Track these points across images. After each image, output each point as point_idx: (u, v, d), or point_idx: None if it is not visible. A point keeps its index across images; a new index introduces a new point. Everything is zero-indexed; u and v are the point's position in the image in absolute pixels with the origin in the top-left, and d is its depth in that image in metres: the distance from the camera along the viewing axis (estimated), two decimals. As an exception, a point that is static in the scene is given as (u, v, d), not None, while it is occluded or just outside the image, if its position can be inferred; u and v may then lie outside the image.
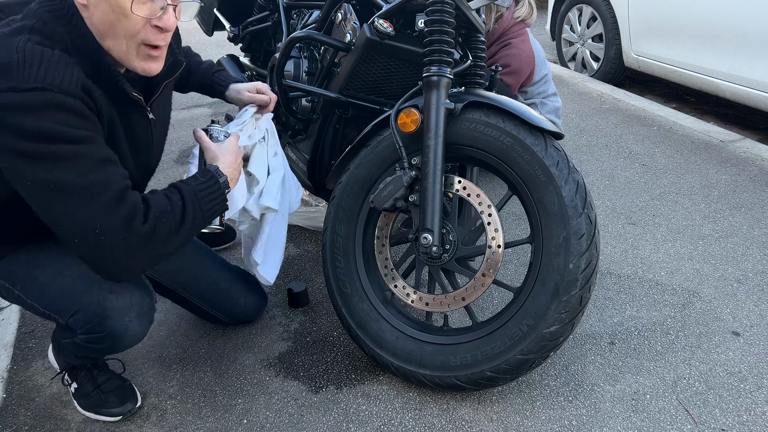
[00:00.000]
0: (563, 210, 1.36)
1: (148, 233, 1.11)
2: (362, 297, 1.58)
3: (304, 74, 2.03)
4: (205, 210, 1.23)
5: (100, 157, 1.09)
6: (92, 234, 1.07)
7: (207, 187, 1.24)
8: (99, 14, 1.11)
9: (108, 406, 1.48)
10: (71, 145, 1.05)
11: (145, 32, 1.13)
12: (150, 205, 1.14)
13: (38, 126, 1.01)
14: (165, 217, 1.14)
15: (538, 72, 2.59)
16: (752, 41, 2.90)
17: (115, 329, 1.26)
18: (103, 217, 1.06)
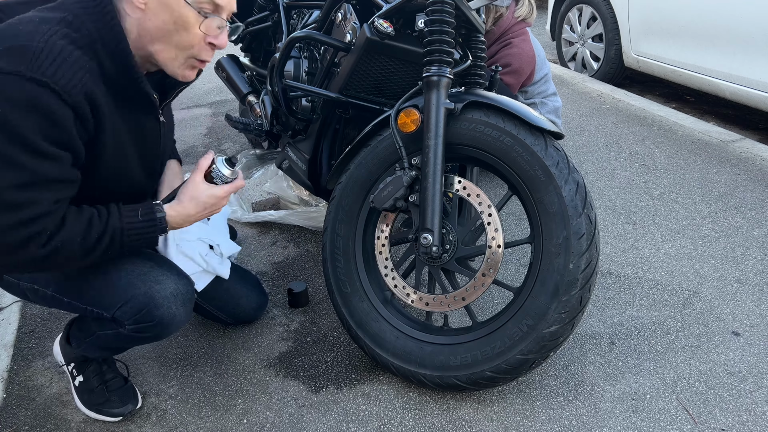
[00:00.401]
0: (563, 210, 1.36)
1: (42, 256, 1.11)
2: (362, 297, 1.58)
3: (304, 74, 2.03)
4: (124, 246, 1.22)
5: (45, 178, 1.08)
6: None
7: (140, 230, 1.22)
8: (157, 21, 1.14)
9: (110, 406, 1.48)
10: (29, 156, 1.05)
11: (199, 47, 1.18)
12: (60, 230, 1.12)
13: (16, 125, 1.02)
14: (69, 246, 1.13)
15: (538, 71, 2.59)
16: (752, 41, 2.90)
17: (164, 317, 1.30)
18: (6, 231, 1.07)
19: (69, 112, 1.07)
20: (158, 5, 1.13)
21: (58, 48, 1.05)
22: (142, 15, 1.14)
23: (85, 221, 1.16)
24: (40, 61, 1.03)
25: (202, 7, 1.15)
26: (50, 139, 1.06)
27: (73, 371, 1.53)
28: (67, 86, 1.05)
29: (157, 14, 1.14)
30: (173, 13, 1.13)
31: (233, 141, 3.16)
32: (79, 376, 1.52)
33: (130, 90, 1.20)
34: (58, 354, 1.58)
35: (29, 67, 1.02)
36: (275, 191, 2.44)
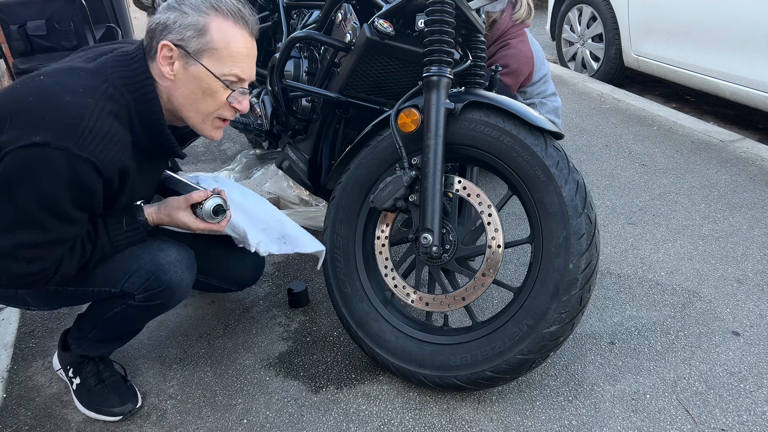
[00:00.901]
0: (563, 210, 1.36)
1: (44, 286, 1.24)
2: (362, 297, 1.58)
3: (304, 74, 2.03)
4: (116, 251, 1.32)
5: (62, 239, 1.18)
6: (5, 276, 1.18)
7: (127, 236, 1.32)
8: (185, 91, 1.23)
9: (109, 405, 1.48)
10: (54, 220, 1.14)
11: (222, 110, 1.28)
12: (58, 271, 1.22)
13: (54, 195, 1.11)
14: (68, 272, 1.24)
15: (537, 72, 2.59)
16: (752, 41, 2.90)
17: (172, 281, 1.36)
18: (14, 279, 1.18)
19: (101, 183, 1.17)
20: (186, 77, 1.22)
21: (106, 128, 1.14)
22: (171, 84, 1.23)
23: (78, 251, 1.25)
24: (89, 141, 1.11)
25: (227, 78, 1.23)
26: (79, 206, 1.16)
27: (70, 374, 1.53)
28: (107, 164, 1.15)
29: (186, 84, 1.23)
30: (201, 84, 1.22)
31: (233, 141, 3.16)
32: (76, 378, 1.52)
33: (158, 150, 1.31)
34: (55, 362, 1.59)
35: (77, 144, 1.09)
36: (275, 191, 2.44)
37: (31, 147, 1.08)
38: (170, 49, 1.19)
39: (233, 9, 1.22)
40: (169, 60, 1.20)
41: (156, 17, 1.21)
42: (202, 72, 1.21)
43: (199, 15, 1.19)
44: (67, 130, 1.09)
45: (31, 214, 1.11)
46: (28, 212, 1.11)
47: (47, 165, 1.09)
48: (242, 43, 1.23)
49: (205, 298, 1.94)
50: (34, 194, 1.10)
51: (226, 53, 1.21)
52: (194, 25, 1.18)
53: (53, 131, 1.08)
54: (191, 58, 1.20)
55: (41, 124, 1.08)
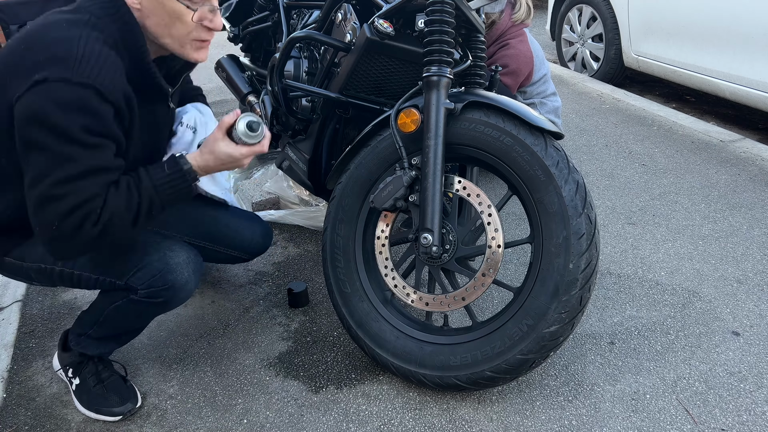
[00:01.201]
0: (563, 210, 1.36)
1: (97, 233, 1.19)
2: (362, 297, 1.58)
3: (304, 74, 2.03)
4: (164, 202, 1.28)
5: (93, 167, 1.17)
6: (49, 228, 1.17)
7: (170, 182, 1.28)
8: (155, 19, 1.24)
9: (109, 405, 1.49)
10: (78, 148, 1.14)
11: (197, 32, 1.28)
12: (105, 207, 1.20)
13: (65, 125, 1.12)
14: (118, 217, 1.21)
15: (537, 72, 2.59)
16: (752, 41, 2.90)
17: (177, 281, 1.37)
18: (62, 218, 1.16)
19: (111, 109, 1.18)
20: (150, 4, 1.23)
21: (97, 51, 1.16)
22: (140, 14, 1.24)
23: (124, 191, 1.23)
24: (83, 66, 1.13)
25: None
26: (95, 132, 1.16)
27: (70, 374, 1.54)
28: (109, 87, 1.16)
29: (152, 12, 1.24)
30: (165, 9, 1.23)
31: (233, 141, 3.16)
32: (76, 378, 1.52)
33: (147, 84, 1.30)
34: (55, 363, 1.60)
35: (74, 72, 1.12)
36: (275, 191, 2.44)
37: (32, 87, 1.11)
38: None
39: None
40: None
41: None
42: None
43: None
44: (60, 62, 1.12)
45: (55, 150, 1.12)
46: (51, 150, 1.12)
47: (52, 100, 1.11)
48: None
49: (205, 298, 1.94)
50: (50, 131, 1.11)
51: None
52: None
53: (49, 67, 1.11)
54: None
55: (36, 64, 1.12)
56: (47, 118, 1.11)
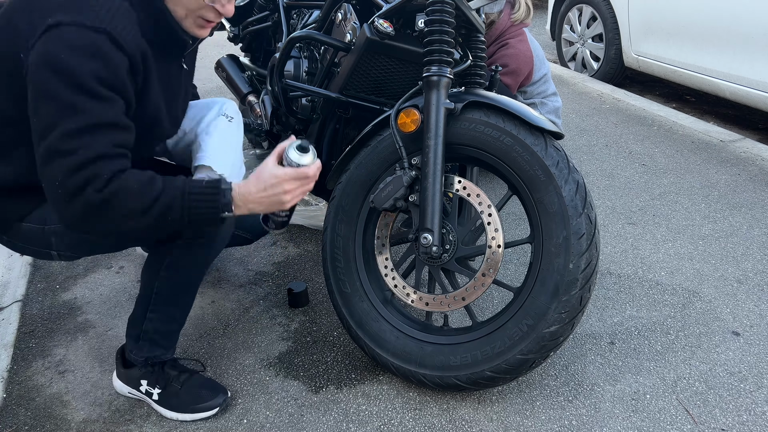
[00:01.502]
0: (563, 210, 1.36)
1: (98, 201, 1.11)
2: (362, 297, 1.58)
3: (304, 74, 2.03)
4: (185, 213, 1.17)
5: (102, 120, 1.11)
6: (53, 184, 1.11)
7: (202, 195, 1.18)
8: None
9: (204, 401, 1.47)
10: (88, 99, 1.10)
11: (205, 11, 1.25)
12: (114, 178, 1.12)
13: (75, 70, 1.08)
14: (124, 195, 1.12)
15: (537, 72, 2.59)
16: (752, 41, 2.90)
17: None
18: (66, 175, 1.10)
19: (125, 60, 1.14)
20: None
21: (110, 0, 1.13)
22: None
23: (146, 176, 1.16)
24: (97, 11, 1.10)
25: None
26: (106, 84, 1.12)
27: (146, 387, 1.49)
28: (123, 34, 1.12)
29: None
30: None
31: (233, 141, 3.16)
32: (155, 388, 1.49)
33: (164, 39, 1.27)
34: (122, 388, 1.54)
35: (87, 16, 1.09)
36: (275, 191, 2.44)
37: (45, 32, 1.08)
38: None
39: None
40: None
41: None
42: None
43: None
44: (74, 6, 1.10)
45: (63, 99, 1.08)
46: (60, 99, 1.08)
47: (64, 43, 1.08)
48: None
49: (205, 298, 1.94)
50: (60, 76, 1.08)
51: None
52: None
53: (63, 11, 1.09)
54: None
55: (50, 9, 1.10)
56: (58, 62, 1.07)
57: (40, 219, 1.30)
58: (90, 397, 1.57)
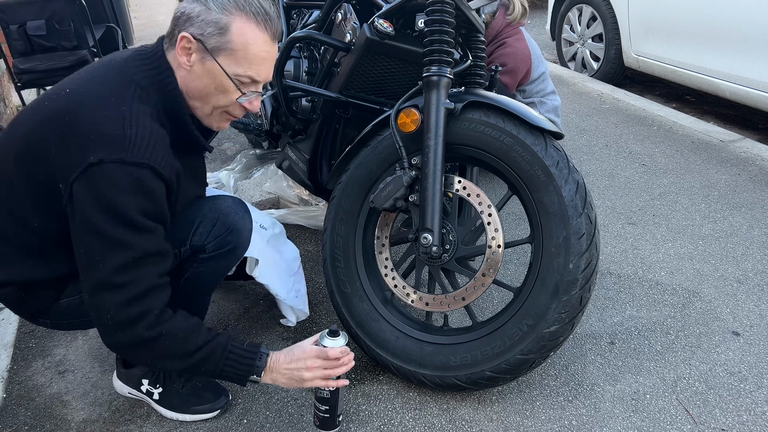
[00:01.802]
0: (563, 210, 1.36)
1: (147, 338, 1.18)
2: (362, 297, 1.58)
3: (304, 74, 2.03)
4: (218, 368, 1.26)
5: (148, 253, 1.17)
6: (104, 315, 1.16)
7: (240, 357, 1.27)
8: (199, 84, 1.23)
9: (205, 402, 1.48)
10: (135, 233, 1.14)
11: (233, 107, 1.27)
12: (167, 318, 1.19)
13: (122, 207, 1.12)
14: (173, 337, 1.20)
15: (535, 70, 2.59)
16: (752, 41, 2.90)
17: (236, 222, 1.39)
18: (117, 308, 1.15)
19: (164, 187, 1.18)
20: (202, 70, 1.21)
21: (148, 130, 1.15)
22: (186, 74, 1.23)
23: (193, 322, 1.24)
24: (137, 146, 1.12)
25: (241, 80, 1.23)
26: (150, 215, 1.16)
27: (148, 387, 1.50)
28: (162, 164, 1.16)
29: (200, 77, 1.22)
30: (215, 80, 1.22)
31: (233, 141, 3.16)
32: (157, 387, 1.49)
33: (188, 144, 1.30)
34: (122, 388, 1.55)
35: (129, 153, 1.11)
36: (275, 191, 2.44)
37: (88, 169, 1.10)
38: (189, 41, 1.18)
39: (258, 9, 1.21)
40: (188, 51, 1.20)
41: (183, 5, 1.20)
42: (216, 69, 1.21)
43: (222, 13, 1.18)
44: (114, 142, 1.11)
45: (112, 236, 1.12)
46: (109, 235, 1.12)
47: (109, 180, 1.10)
48: (261, 47, 1.22)
49: (205, 298, 1.94)
50: (108, 215, 1.11)
51: (242, 55, 1.20)
52: (216, 23, 1.18)
53: (103, 147, 1.10)
54: (208, 54, 1.20)
55: (89, 144, 1.10)
56: (105, 201, 1.11)
57: (75, 291, 1.33)
58: (90, 397, 1.57)
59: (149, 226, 1.16)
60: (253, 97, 1.27)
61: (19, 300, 1.29)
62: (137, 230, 1.14)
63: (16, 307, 1.32)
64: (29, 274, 1.26)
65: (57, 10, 3.21)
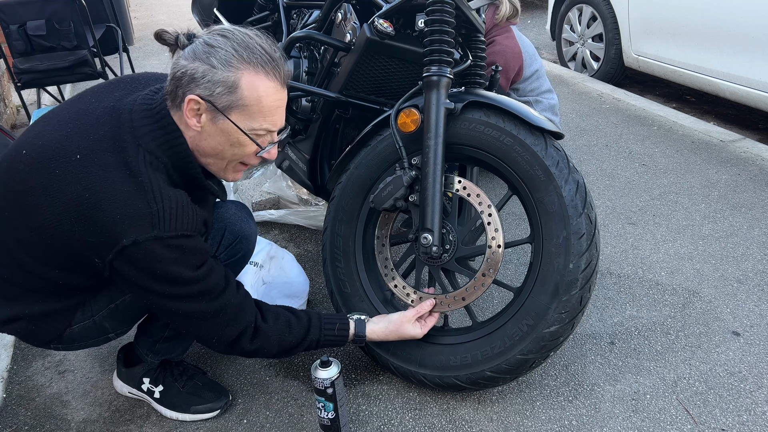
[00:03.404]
0: (563, 210, 1.36)
1: (249, 351, 1.30)
2: (362, 297, 1.58)
3: (304, 74, 2.03)
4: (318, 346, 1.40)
5: (220, 284, 1.23)
6: (210, 340, 1.28)
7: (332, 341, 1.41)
8: (212, 142, 1.20)
9: (205, 402, 1.48)
10: (199, 284, 1.19)
11: (249, 158, 1.25)
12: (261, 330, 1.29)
13: (175, 273, 1.15)
14: (268, 346, 1.31)
15: (528, 68, 2.55)
16: (752, 41, 2.90)
17: (243, 229, 1.43)
18: (221, 332, 1.25)
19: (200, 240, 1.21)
20: (214, 130, 1.18)
21: (173, 201, 1.14)
22: (197, 135, 1.19)
23: (283, 323, 1.33)
24: (167, 221, 1.12)
25: (257, 133, 1.20)
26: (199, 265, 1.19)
27: (149, 386, 1.50)
28: (192, 227, 1.18)
29: (212, 137, 1.19)
30: (230, 138, 1.19)
31: (233, 141, 3.16)
32: (158, 386, 1.49)
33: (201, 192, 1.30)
34: (122, 387, 1.55)
35: (161, 229, 1.12)
36: (275, 191, 2.44)
37: (124, 251, 1.10)
38: (197, 102, 1.14)
39: (264, 59, 1.15)
40: (196, 112, 1.15)
41: (182, 64, 1.14)
42: (230, 127, 1.16)
43: (228, 70, 1.12)
44: (143, 221, 1.10)
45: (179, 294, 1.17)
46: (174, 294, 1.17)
47: (151, 257, 1.11)
48: (273, 97, 1.18)
49: (205, 298, 1.94)
50: (163, 282, 1.14)
51: (256, 109, 1.16)
52: (224, 82, 1.12)
53: (133, 228, 1.09)
54: (219, 113, 1.15)
55: (117, 226, 1.09)
56: (156, 273, 1.13)
57: (86, 315, 1.32)
58: (90, 397, 1.57)
59: (202, 273, 1.19)
60: (270, 147, 1.24)
61: (30, 332, 1.28)
62: (193, 282, 1.18)
63: (27, 338, 1.31)
64: (38, 308, 1.24)
65: (57, 10, 3.21)
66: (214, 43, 1.13)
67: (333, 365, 1.35)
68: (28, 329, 1.27)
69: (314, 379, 1.34)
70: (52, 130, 1.17)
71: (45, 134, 1.16)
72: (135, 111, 1.18)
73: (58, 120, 1.18)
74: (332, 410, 1.36)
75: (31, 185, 1.12)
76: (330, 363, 1.35)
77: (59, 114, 1.20)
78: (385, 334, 1.45)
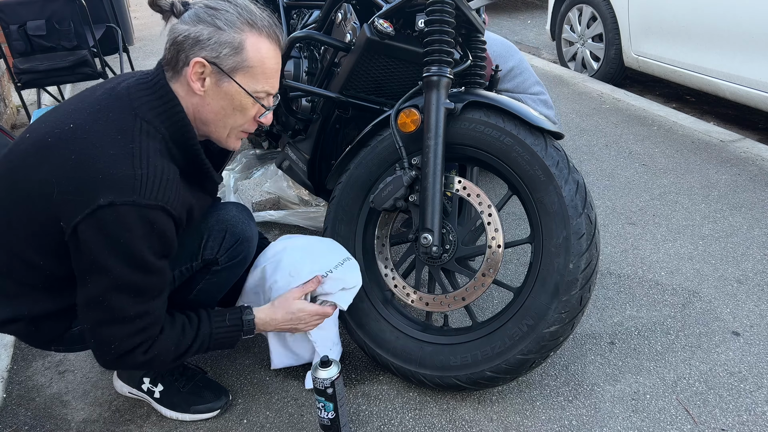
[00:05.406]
0: (563, 210, 1.36)
1: (142, 362, 1.22)
2: (362, 297, 1.58)
3: (304, 74, 2.03)
4: (210, 347, 1.32)
5: (157, 290, 1.19)
6: (108, 346, 1.18)
7: (226, 333, 1.33)
8: (214, 107, 1.20)
9: (206, 401, 1.48)
10: (145, 274, 1.14)
11: (249, 124, 1.26)
12: (157, 341, 1.22)
13: (133, 249, 1.10)
14: (165, 352, 1.23)
15: (503, 64, 2.50)
16: (752, 41, 2.90)
17: (244, 231, 1.40)
18: (123, 341, 1.17)
19: (173, 225, 1.16)
20: (217, 93, 1.18)
21: (159, 169, 1.12)
22: (199, 100, 1.19)
23: (178, 328, 1.26)
24: (148, 187, 1.09)
25: (259, 95, 1.21)
26: (160, 254, 1.15)
27: (148, 386, 1.50)
28: (174, 203, 1.14)
29: (216, 100, 1.19)
30: (233, 101, 1.19)
31: (233, 141, 3.16)
32: (158, 386, 1.49)
33: (198, 173, 1.28)
34: (122, 387, 1.55)
35: (141, 194, 1.08)
36: (275, 191, 2.44)
37: (97, 211, 1.06)
38: (203, 65, 1.14)
39: (266, 24, 1.19)
40: (200, 75, 1.16)
41: (183, 28, 1.14)
42: (235, 89, 1.18)
43: (234, 31, 1.14)
44: (125, 183, 1.07)
45: (121, 276, 1.11)
46: (118, 274, 1.10)
47: (120, 223, 1.07)
48: (275, 60, 1.21)
49: (205, 298, 1.93)
50: (117, 254, 1.09)
51: (260, 71, 1.19)
52: (230, 43, 1.14)
53: (112, 188, 1.06)
54: (225, 76, 1.16)
55: (96, 185, 1.07)
56: (116, 243, 1.08)
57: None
58: (90, 397, 1.57)
59: (158, 266, 1.15)
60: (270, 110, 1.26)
61: (30, 333, 1.28)
62: (148, 271, 1.14)
63: (27, 339, 1.30)
64: (37, 308, 1.24)
65: (57, 10, 3.21)
66: (218, 6, 1.16)
67: (333, 365, 1.35)
68: (28, 330, 1.27)
69: (314, 379, 1.34)
70: (53, 116, 1.19)
71: (46, 119, 1.19)
72: (132, 86, 1.19)
73: (60, 109, 1.21)
74: (332, 410, 1.36)
75: (23, 158, 1.14)
76: (330, 363, 1.35)
77: (61, 105, 1.22)
78: (273, 311, 1.38)
